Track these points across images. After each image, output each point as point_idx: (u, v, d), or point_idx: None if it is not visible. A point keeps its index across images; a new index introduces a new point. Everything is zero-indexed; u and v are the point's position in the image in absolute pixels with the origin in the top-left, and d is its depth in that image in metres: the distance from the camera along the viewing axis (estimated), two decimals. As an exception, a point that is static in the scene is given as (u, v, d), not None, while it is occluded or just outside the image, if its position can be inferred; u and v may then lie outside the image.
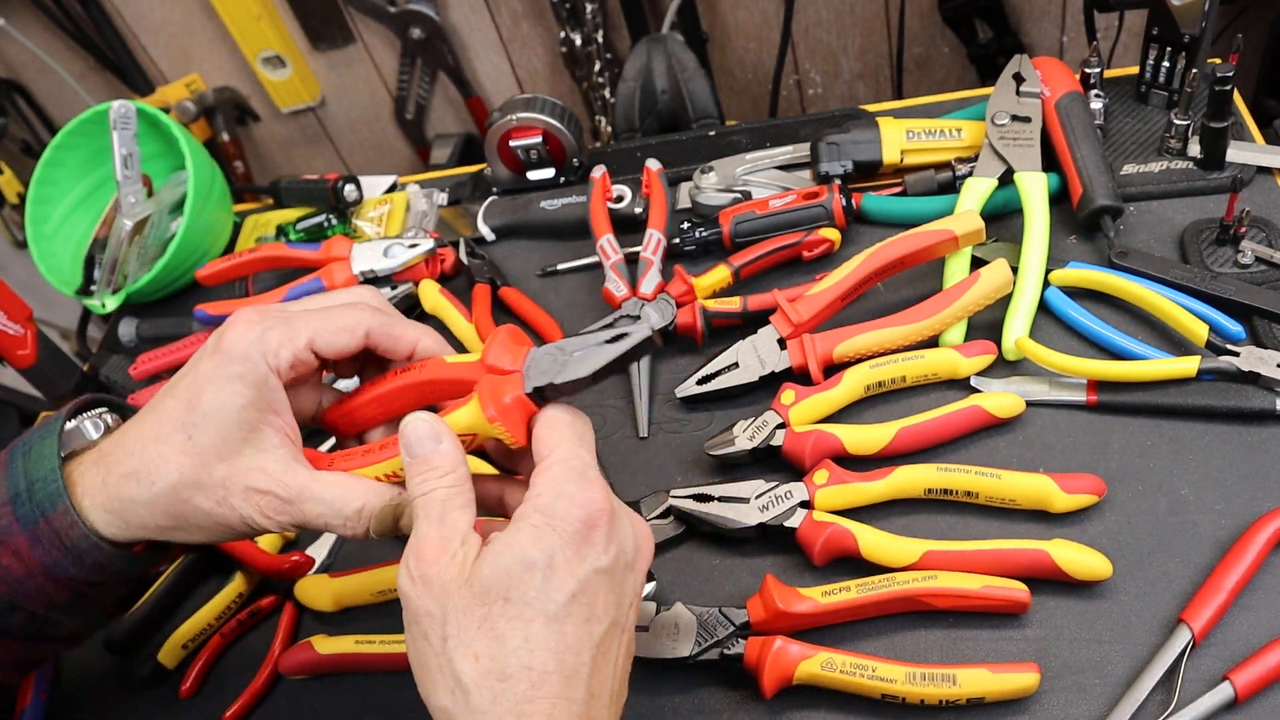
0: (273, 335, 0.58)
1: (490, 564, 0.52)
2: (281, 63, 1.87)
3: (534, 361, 0.58)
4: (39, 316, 1.12)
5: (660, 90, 1.44)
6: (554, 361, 0.58)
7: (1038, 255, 0.85)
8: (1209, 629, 0.66)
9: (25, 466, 0.59)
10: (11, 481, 0.59)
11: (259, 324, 0.59)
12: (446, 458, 0.56)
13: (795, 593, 0.70)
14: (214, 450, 0.57)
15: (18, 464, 0.59)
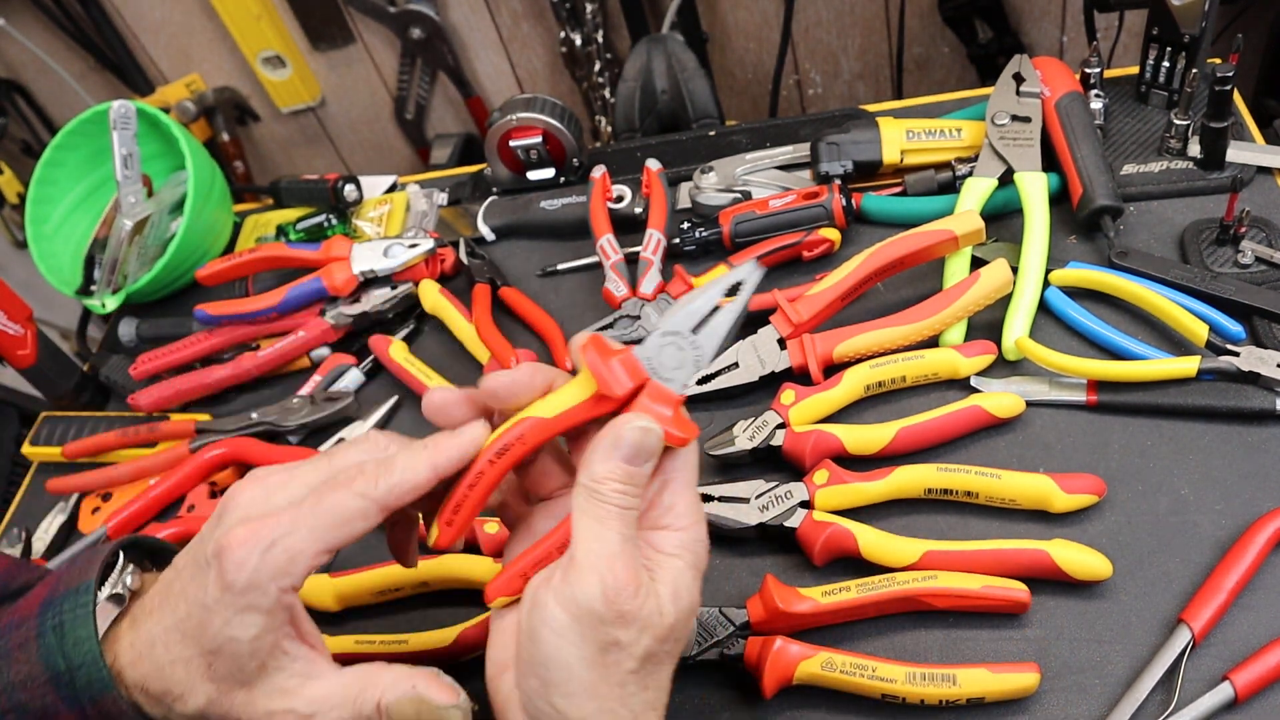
0: (277, 555, 0.54)
1: (674, 608, 0.52)
2: (281, 63, 1.87)
3: (654, 360, 0.53)
4: (39, 316, 1.12)
5: (660, 90, 1.44)
6: (677, 350, 0.53)
7: (1038, 255, 0.85)
8: (1209, 629, 0.66)
9: (61, 647, 0.57)
10: (48, 660, 0.57)
11: (257, 544, 0.54)
12: (647, 479, 0.54)
13: (795, 593, 0.70)
14: (233, 679, 0.55)
15: (50, 641, 0.57)
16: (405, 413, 0.98)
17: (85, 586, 0.58)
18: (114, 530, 0.91)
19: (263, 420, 0.96)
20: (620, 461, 0.52)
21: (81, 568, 0.60)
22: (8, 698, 0.57)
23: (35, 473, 1.07)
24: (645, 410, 0.52)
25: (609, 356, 0.53)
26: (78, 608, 0.58)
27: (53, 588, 0.60)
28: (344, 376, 1.00)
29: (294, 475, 0.58)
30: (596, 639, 0.50)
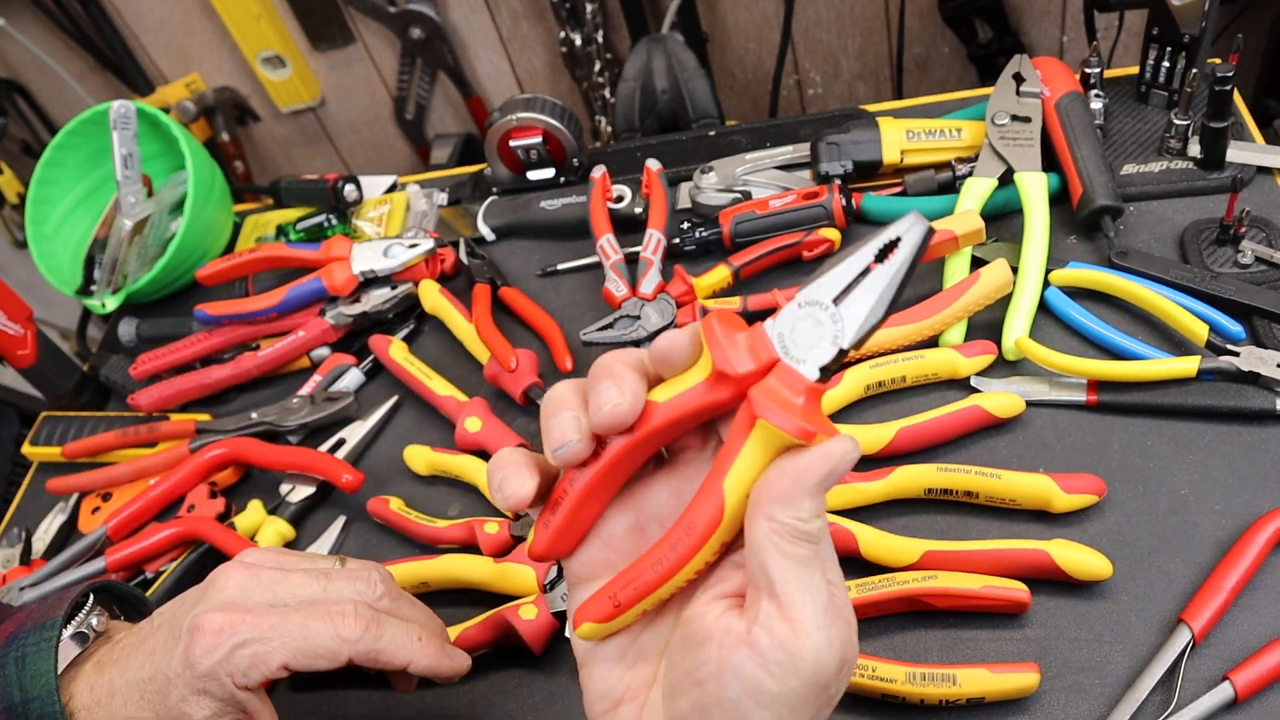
0: (243, 655, 0.55)
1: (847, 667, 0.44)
2: (281, 63, 1.87)
3: (786, 336, 0.42)
4: (39, 316, 1.12)
5: (660, 90, 1.44)
6: (815, 324, 0.42)
7: (1038, 255, 0.85)
8: (1209, 629, 0.66)
9: (19, 679, 0.57)
10: (5, 690, 0.57)
11: (230, 636, 0.55)
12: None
13: None
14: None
15: (10, 672, 0.58)
16: (405, 412, 0.98)
17: (51, 622, 0.59)
18: (114, 530, 0.91)
19: (263, 420, 0.96)
20: (824, 495, 0.42)
21: (51, 605, 0.61)
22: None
23: (35, 473, 1.07)
24: (770, 395, 0.42)
25: (733, 331, 0.43)
26: (41, 641, 0.58)
27: (20, 623, 0.60)
28: (344, 376, 1.00)
29: (288, 579, 0.59)
30: (815, 705, 0.42)
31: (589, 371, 0.46)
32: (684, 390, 0.44)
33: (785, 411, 0.41)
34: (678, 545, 0.44)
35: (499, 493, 0.47)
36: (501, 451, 0.48)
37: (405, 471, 0.91)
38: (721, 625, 0.43)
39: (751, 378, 0.42)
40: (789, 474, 0.41)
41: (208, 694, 0.56)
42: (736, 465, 0.43)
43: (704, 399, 0.44)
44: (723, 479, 0.43)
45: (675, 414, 0.44)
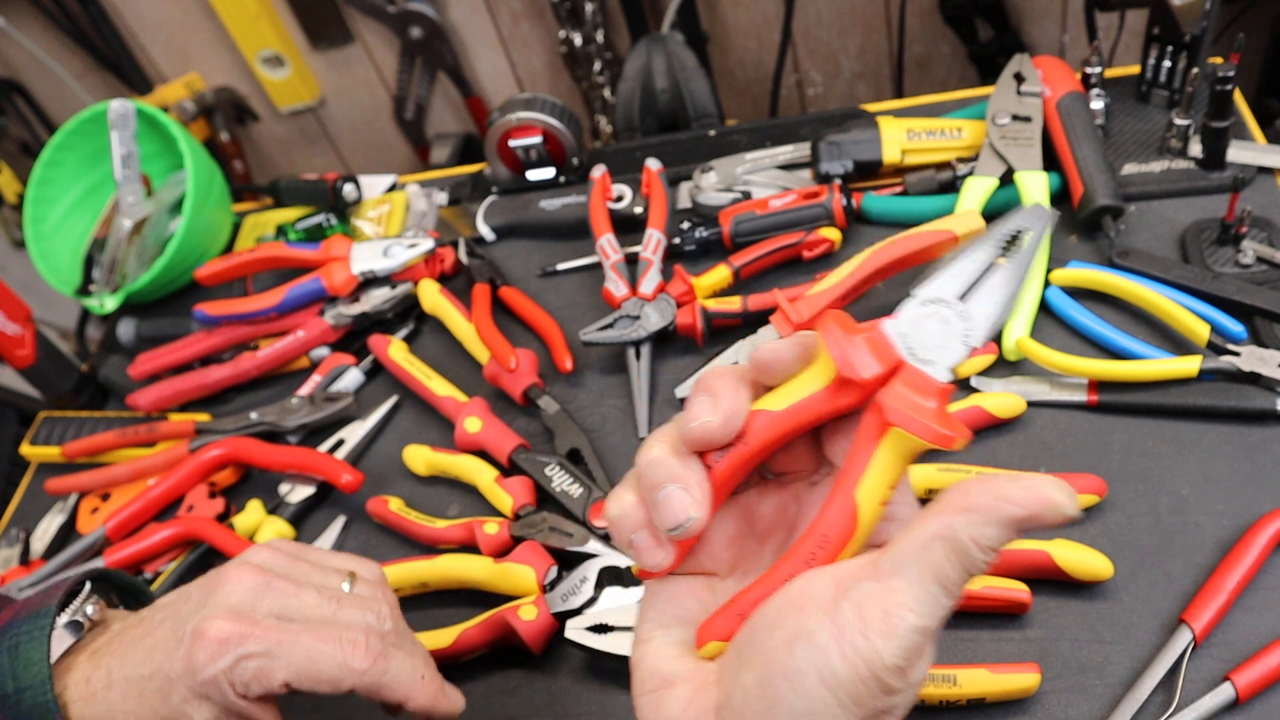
0: (247, 667, 0.55)
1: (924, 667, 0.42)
2: (281, 62, 1.87)
3: (910, 337, 0.40)
4: (38, 316, 1.12)
5: (660, 90, 1.44)
6: (941, 323, 0.40)
7: (1038, 255, 0.85)
8: (1210, 629, 0.66)
9: (12, 668, 0.57)
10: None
11: (236, 646, 0.55)
12: None
13: None
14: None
15: (3, 661, 0.57)
16: (405, 413, 0.98)
17: (45, 611, 0.59)
18: (113, 530, 0.91)
19: (262, 420, 0.96)
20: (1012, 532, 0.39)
21: (46, 594, 0.60)
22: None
23: (34, 473, 1.07)
24: (901, 401, 0.39)
25: (851, 332, 0.41)
26: (34, 630, 0.58)
27: (15, 612, 0.60)
28: (343, 376, 1.00)
29: (299, 594, 0.59)
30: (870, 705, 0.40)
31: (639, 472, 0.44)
32: (802, 397, 0.42)
33: (919, 417, 0.39)
34: (812, 559, 0.41)
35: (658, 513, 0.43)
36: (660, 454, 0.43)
37: (405, 471, 0.91)
38: (808, 590, 0.40)
39: (877, 382, 0.40)
40: (992, 493, 0.38)
41: (208, 699, 0.55)
42: (869, 474, 0.40)
43: (825, 406, 0.42)
44: (855, 489, 0.40)
45: (794, 422, 0.42)
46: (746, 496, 0.47)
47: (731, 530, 0.47)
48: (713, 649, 0.43)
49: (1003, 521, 0.38)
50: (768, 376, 0.44)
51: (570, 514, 0.82)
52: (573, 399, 0.92)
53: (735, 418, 0.42)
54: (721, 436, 0.42)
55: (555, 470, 0.84)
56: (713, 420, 0.42)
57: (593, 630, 0.72)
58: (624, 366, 0.92)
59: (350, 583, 0.62)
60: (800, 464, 0.46)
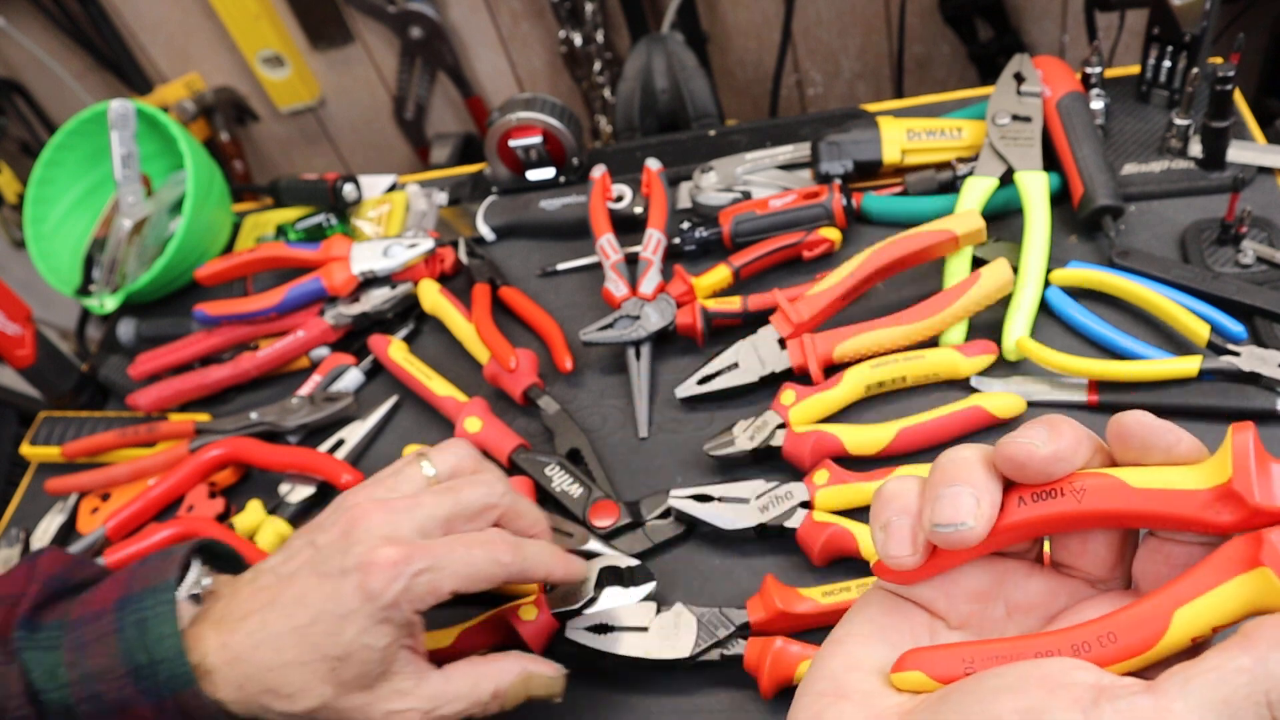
0: (420, 583, 0.59)
1: None
2: (281, 62, 1.87)
3: None
4: (38, 316, 1.11)
5: (660, 90, 1.44)
6: None
7: (1038, 255, 0.85)
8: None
9: (142, 641, 0.60)
10: (127, 654, 0.60)
11: (407, 569, 0.59)
12: None
13: (795, 593, 0.70)
14: (357, 684, 0.59)
15: (130, 635, 0.60)
16: (404, 413, 0.98)
17: (166, 585, 0.62)
18: (113, 531, 0.91)
19: (262, 420, 0.96)
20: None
21: (156, 567, 0.63)
22: (84, 688, 0.60)
23: (34, 473, 1.07)
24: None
25: (1268, 459, 0.36)
26: (159, 605, 0.61)
27: (126, 585, 0.63)
28: (343, 376, 1.00)
29: (419, 504, 0.63)
30: None
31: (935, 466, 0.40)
32: (1168, 486, 0.37)
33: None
34: (1084, 649, 0.37)
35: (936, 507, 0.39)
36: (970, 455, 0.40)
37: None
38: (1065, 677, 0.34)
39: (1274, 515, 0.35)
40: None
41: (389, 622, 0.59)
42: (1204, 600, 0.35)
43: (1192, 508, 0.36)
44: (1176, 606, 0.36)
45: (1143, 505, 0.37)
46: (1017, 563, 0.42)
47: (984, 586, 0.42)
48: (911, 680, 0.39)
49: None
50: (1123, 447, 0.39)
51: (570, 514, 0.82)
52: (573, 399, 0.93)
53: (1066, 461, 0.38)
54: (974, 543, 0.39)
55: (555, 470, 0.84)
56: (976, 527, 0.38)
57: (593, 630, 0.72)
58: (624, 366, 0.92)
59: (429, 462, 0.67)
60: (1090, 563, 0.41)
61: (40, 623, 0.63)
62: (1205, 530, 0.37)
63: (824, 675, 0.40)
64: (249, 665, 0.59)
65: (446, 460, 0.67)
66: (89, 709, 0.60)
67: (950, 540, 0.38)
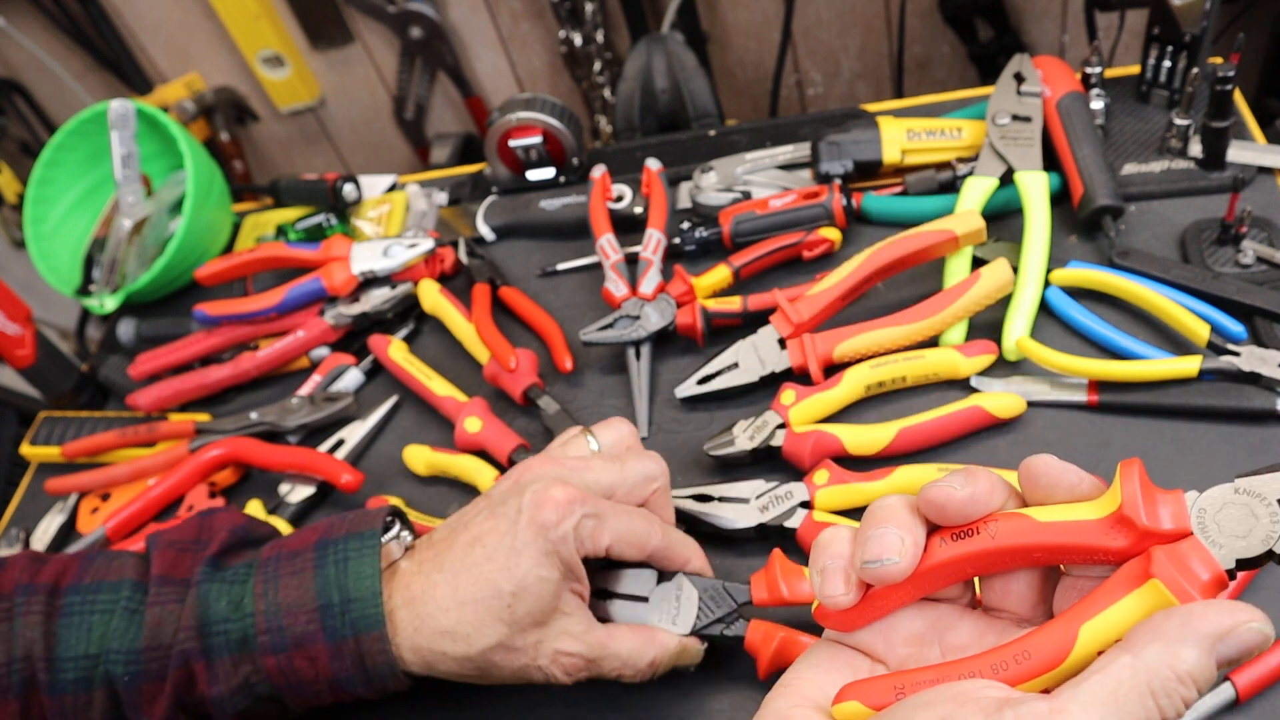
0: (586, 527, 0.62)
1: None
2: (281, 62, 1.87)
3: (1208, 515, 0.40)
4: (38, 316, 1.12)
5: (660, 90, 1.44)
6: (1249, 514, 0.39)
7: (1038, 255, 0.85)
8: (1210, 630, 0.66)
9: (339, 579, 0.61)
10: (323, 589, 0.61)
11: (579, 508, 0.61)
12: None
13: (800, 572, 0.68)
14: (530, 619, 0.60)
15: (329, 572, 0.62)
16: (405, 413, 0.98)
17: (371, 532, 0.64)
18: (113, 531, 0.91)
19: (262, 420, 0.96)
20: (1214, 663, 0.36)
21: (357, 519, 0.65)
22: (270, 619, 0.61)
23: (34, 473, 1.07)
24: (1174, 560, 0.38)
25: (1152, 488, 0.40)
26: (364, 547, 0.63)
27: (325, 531, 0.64)
28: (343, 376, 1.00)
29: (588, 466, 0.66)
30: None
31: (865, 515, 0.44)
32: (1069, 519, 0.41)
33: (1186, 583, 0.38)
34: (1000, 668, 0.40)
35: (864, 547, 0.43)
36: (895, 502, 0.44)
37: (405, 472, 0.91)
38: (976, 692, 0.38)
39: (1160, 537, 0.39)
40: (1178, 616, 0.36)
41: (559, 555, 0.60)
42: (1105, 615, 0.39)
43: (1092, 538, 0.40)
44: (1082, 622, 0.39)
45: (1048, 538, 0.41)
46: (949, 609, 0.46)
47: (919, 630, 0.45)
48: (848, 710, 0.42)
49: (1198, 639, 0.36)
50: (1033, 487, 0.43)
51: (570, 514, 0.82)
52: (573, 399, 0.93)
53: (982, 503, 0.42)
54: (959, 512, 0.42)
55: (555, 470, 0.84)
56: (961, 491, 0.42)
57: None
58: (624, 366, 0.92)
59: (593, 437, 0.70)
60: (1015, 603, 0.45)
61: (225, 564, 0.65)
62: (1105, 557, 0.40)
63: (772, 713, 0.45)
64: (426, 606, 0.61)
65: (609, 436, 0.71)
66: (268, 640, 0.61)
67: (878, 575, 0.42)
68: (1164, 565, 0.38)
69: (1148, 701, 0.35)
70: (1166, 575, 0.38)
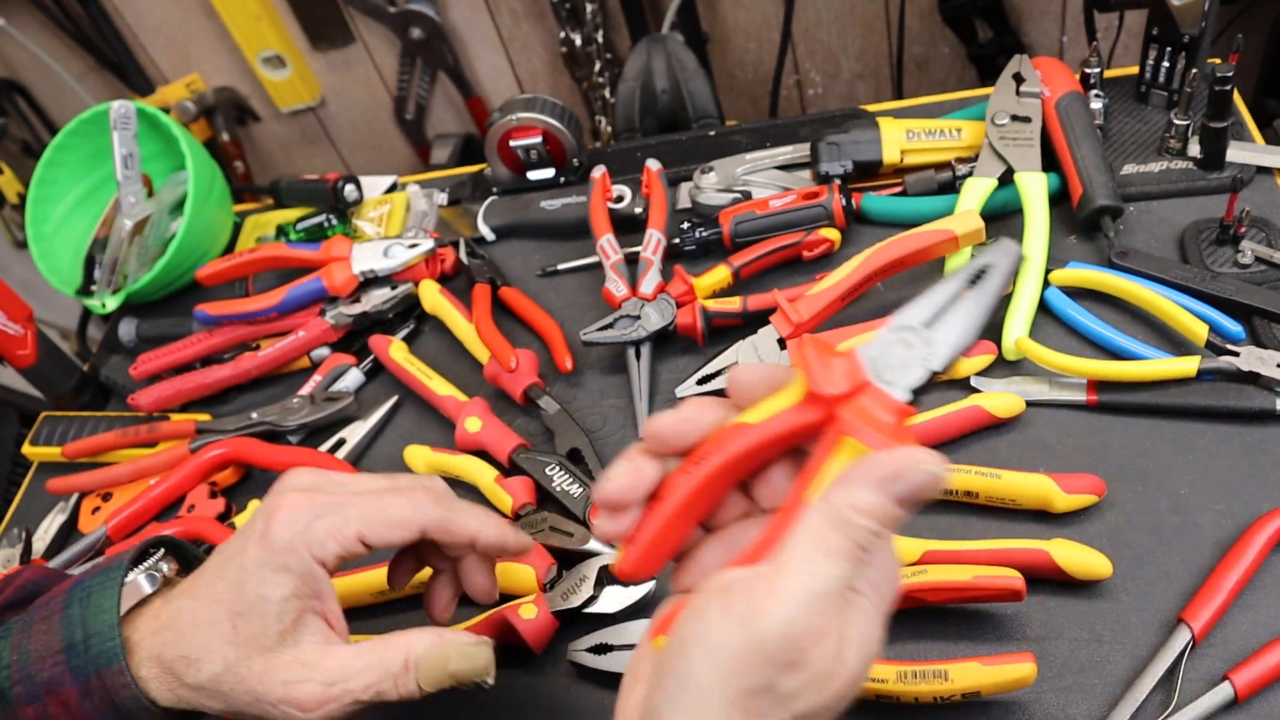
0: (320, 526, 0.57)
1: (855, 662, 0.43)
2: (281, 63, 1.87)
3: (879, 360, 0.45)
4: (39, 316, 1.12)
5: (660, 90, 1.44)
6: (906, 346, 0.44)
7: (1037, 255, 0.85)
8: (1209, 629, 0.66)
9: (82, 616, 0.58)
10: (68, 629, 0.58)
11: (307, 510, 0.57)
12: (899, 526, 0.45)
13: None
14: (255, 643, 0.56)
15: (74, 611, 0.58)
16: (405, 412, 0.98)
17: (119, 564, 0.60)
18: (114, 530, 0.91)
19: (263, 420, 0.96)
20: (892, 500, 0.43)
21: (114, 556, 0.62)
22: (21, 669, 0.58)
23: (35, 473, 1.07)
24: (859, 415, 0.43)
25: (826, 356, 0.45)
26: (106, 581, 0.59)
27: (86, 573, 0.61)
28: (344, 376, 1.00)
29: (356, 479, 0.61)
30: (752, 678, 0.41)
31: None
32: (776, 413, 0.45)
33: (872, 430, 0.43)
34: (757, 555, 0.44)
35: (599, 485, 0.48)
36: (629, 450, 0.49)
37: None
38: (719, 579, 0.43)
39: (842, 398, 0.44)
40: (859, 465, 0.43)
41: (286, 570, 0.56)
42: (818, 479, 0.44)
43: (796, 421, 0.45)
44: (804, 492, 0.44)
45: (767, 435, 0.45)
46: (736, 526, 0.50)
47: (720, 556, 0.49)
48: (659, 643, 0.45)
49: (874, 482, 0.42)
50: (741, 397, 0.48)
51: (570, 513, 0.82)
52: (573, 399, 0.93)
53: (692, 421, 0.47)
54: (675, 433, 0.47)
55: (555, 470, 0.84)
56: (666, 418, 0.47)
57: (592, 651, 0.73)
58: (624, 366, 0.92)
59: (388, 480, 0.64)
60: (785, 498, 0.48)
61: (4, 619, 0.62)
62: (812, 431, 0.45)
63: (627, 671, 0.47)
64: (170, 631, 0.57)
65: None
66: (22, 691, 0.57)
67: (605, 496, 0.47)
68: (850, 421, 0.43)
69: (844, 531, 0.42)
70: (853, 429, 0.43)
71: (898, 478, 0.42)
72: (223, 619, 0.56)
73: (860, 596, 0.43)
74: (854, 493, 0.42)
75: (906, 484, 0.43)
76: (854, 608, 0.43)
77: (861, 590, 0.43)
